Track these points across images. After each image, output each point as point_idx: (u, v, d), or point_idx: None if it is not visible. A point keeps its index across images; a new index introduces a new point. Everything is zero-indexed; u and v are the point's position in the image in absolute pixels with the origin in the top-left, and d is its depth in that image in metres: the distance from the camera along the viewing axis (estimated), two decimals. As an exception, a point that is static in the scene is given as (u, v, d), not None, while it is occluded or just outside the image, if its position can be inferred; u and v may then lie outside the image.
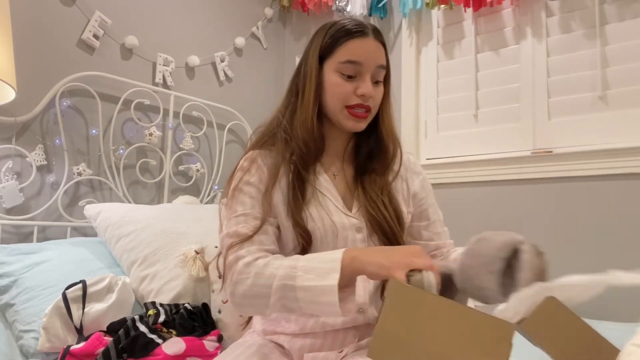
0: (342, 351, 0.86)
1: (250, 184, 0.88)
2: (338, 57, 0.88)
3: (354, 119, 0.89)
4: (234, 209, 0.86)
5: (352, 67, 0.87)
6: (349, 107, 0.88)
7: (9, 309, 1.22)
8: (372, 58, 0.88)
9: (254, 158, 0.91)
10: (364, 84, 0.87)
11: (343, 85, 0.88)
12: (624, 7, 1.71)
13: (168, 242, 1.39)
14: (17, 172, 1.58)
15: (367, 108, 0.89)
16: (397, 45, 2.28)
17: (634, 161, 1.61)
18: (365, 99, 0.88)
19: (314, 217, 0.86)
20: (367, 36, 0.88)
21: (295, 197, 0.86)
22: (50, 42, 1.69)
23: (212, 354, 1.05)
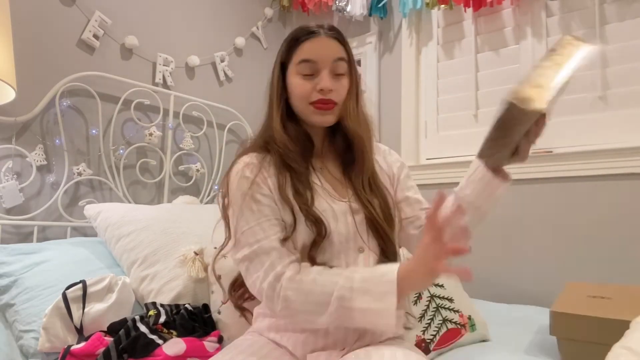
0: (345, 349, 0.87)
1: (259, 193, 0.90)
2: (295, 60, 0.95)
3: (319, 112, 0.94)
4: (246, 219, 0.88)
5: (308, 66, 0.93)
6: (312, 103, 0.93)
7: (9, 309, 1.22)
8: (325, 54, 0.93)
9: (256, 166, 0.93)
10: (322, 78, 0.92)
11: (304, 85, 0.93)
12: (624, 7, 1.71)
13: (168, 242, 1.39)
14: (17, 172, 1.58)
15: (329, 101, 0.93)
16: (397, 45, 2.28)
17: (634, 161, 1.61)
18: (325, 92, 0.92)
19: (321, 205, 0.91)
20: (318, 35, 0.94)
21: (298, 192, 0.90)
22: (50, 42, 1.69)
23: (213, 354, 1.04)
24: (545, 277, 1.77)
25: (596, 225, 1.68)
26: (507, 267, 1.87)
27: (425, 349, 1.19)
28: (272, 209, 0.89)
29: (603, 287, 1.33)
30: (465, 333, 1.27)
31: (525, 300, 1.77)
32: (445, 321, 1.26)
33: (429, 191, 1.63)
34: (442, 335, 1.23)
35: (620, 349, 0.75)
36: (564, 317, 1.08)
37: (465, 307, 1.32)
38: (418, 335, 1.19)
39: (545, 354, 1.15)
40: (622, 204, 1.64)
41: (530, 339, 1.28)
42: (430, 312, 1.26)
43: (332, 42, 0.95)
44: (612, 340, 0.83)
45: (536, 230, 1.81)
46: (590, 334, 1.04)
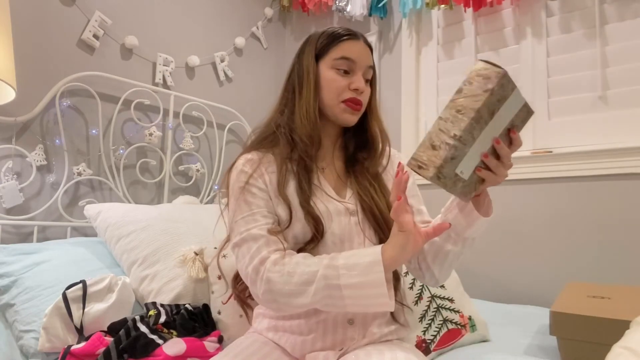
0: (342, 349, 0.87)
1: (255, 186, 0.91)
2: (333, 55, 0.95)
3: (350, 111, 0.95)
4: (241, 209, 0.90)
5: (346, 64, 0.95)
6: (344, 101, 0.94)
7: (9, 309, 1.22)
8: (363, 57, 0.96)
9: (255, 162, 0.94)
10: (357, 79, 0.95)
11: (338, 80, 0.94)
12: (624, 7, 1.71)
13: (168, 242, 1.39)
14: (17, 172, 1.58)
15: (360, 102, 0.95)
16: (397, 45, 2.28)
17: (634, 161, 1.61)
18: (359, 92, 0.95)
19: (318, 205, 0.92)
20: (358, 39, 0.97)
21: (302, 188, 0.91)
22: (50, 42, 1.69)
23: (213, 354, 1.04)
24: (545, 277, 1.77)
25: (596, 225, 1.68)
26: (507, 267, 1.87)
27: (425, 349, 1.19)
28: (266, 202, 0.91)
29: (603, 287, 1.33)
30: (466, 333, 1.27)
31: (525, 300, 1.77)
32: (446, 321, 1.26)
33: (429, 191, 1.63)
34: (443, 336, 1.23)
35: (620, 349, 0.75)
36: (564, 317, 1.08)
37: (465, 308, 1.32)
38: (418, 335, 1.19)
39: (545, 354, 1.15)
40: (622, 204, 1.64)
41: (530, 339, 1.28)
42: (430, 312, 1.26)
43: (368, 49, 0.98)
44: (612, 340, 0.82)
45: (536, 230, 1.81)
46: (590, 334, 1.04)
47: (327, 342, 0.88)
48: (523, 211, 1.84)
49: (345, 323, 0.89)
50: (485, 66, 0.71)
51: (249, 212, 0.89)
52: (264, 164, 0.94)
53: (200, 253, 1.34)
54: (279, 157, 0.95)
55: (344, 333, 0.88)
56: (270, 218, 0.89)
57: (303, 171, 0.93)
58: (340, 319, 0.89)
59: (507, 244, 1.87)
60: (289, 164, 0.94)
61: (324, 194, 0.94)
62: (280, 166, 0.93)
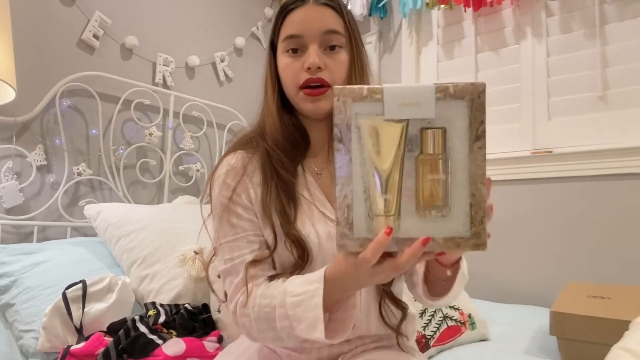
0: (340, 357, 0.83)
1: (239, 205, 0.80)
2: (281, 36, 0.81)
3: (310, 98, 0.78)
4: (224, 232, 0.79)
5: (294, 42, 0.79)
6: (302, 87, 0.78)
7: (9, 309, 1.22)
8: (312, 26, 0.78)
9: (239, 172, 0.81)
10: (309, 53, 0.77)
11: (291, 65, 0.79)
12: (624, 7, 1.71)
13: (168, 242, 1.39)
14: (17, 172, 1.58)
15: (320, 82, 0.77)
16: (397, 45, 2.28)
17: (634, 161, 1.61)
18: (313, 71, 0.77)
19: (305, 224, 0.78)
20: (305, 3, 0.79)
21: (280, 203, 0.77)
22: (50, 42, 1.69)
23: (212, 354, 1.05)
24: (545, 277, 1.77)
25: (596, 225, 1.68)
26: (507, 267, 1.86)
27: (425, 344, 1.19)
28: (252, 224, 0.79)
29: (603, 287, 1.33)
30: (465, 331, 1.28)
31: (525, 300, 1.77)
32: (446, 318, 1.26)
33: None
34: (442, 332, 1.23)
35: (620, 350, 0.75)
36: (564, 317, 1.08)
37: (465, 306, 1.33)
38: (419, 331, 1.20)
39: (545, 354, 1.15)
40: (622, 204, 1.64)
41: (530, 339, 1.28)
42: (431, 308, 1.26)
43: (323, 9, 0.79)
44: (612, 340, 0.82)
45: (536, 230, 1.81)
46: (590, 334, 1.04)
47: (323, 353, 0.83)
48: (523, 211, 1.84)
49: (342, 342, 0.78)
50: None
51: (233, 237, 0.78)
52: (248, 173, 0.81)
53: (200, 252, 1.34)
54: (263, 163, 0.81)
55: (340, 349, 0.83)
56: (256, 243, 0.78)
57: (281, 183, 0.79)
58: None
59: (507, 244, 1.87)
60: (270, 176, 0.80)
61: (313, 210, 0.79)
62: (265, 179, 0.80)
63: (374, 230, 0.54)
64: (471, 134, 0.53)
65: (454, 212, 0.54)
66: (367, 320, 0.83)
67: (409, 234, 0.54)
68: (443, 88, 0.53)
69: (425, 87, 0.53)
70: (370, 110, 0.54)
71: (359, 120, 0.54)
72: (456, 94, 0.53)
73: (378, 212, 0.54)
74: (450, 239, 0.54)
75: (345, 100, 0.54)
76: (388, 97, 0.53)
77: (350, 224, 0.55)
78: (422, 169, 0.54)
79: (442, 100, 0.53)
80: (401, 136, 0.54)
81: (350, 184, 0.55)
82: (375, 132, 0.54)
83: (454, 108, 0.53)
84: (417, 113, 0.53)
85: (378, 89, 0.53)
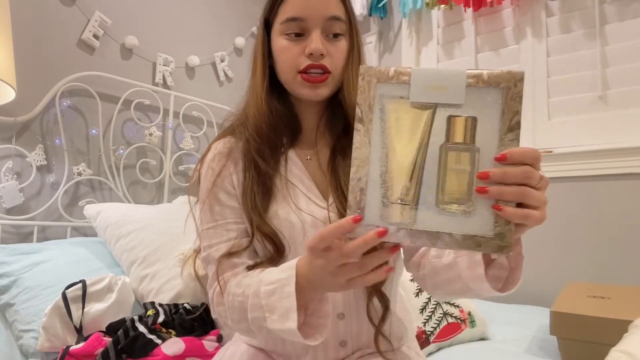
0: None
1: (223, 190, 0.79)
2: (280, 17, 0.77)
3: (309, 84, 0.76)
4: (206, 218, 0.79)
5: (295, 25, 0.75)
6: (301, 72, 0.75)
7: (9, 308, 1.22)
8: (317, 10, 0.75)
9: (224, 156, 0.80)
10: (312, 39, 0.75)
11: (290, 48, 0.76)
12: (624, 7, 1.70)
13: (168, 241, 1.39)
14: (17, 172, 1.58)
15: (322, 68, 0.75)
16: (397, 45, 2.28)
17: (634, 161, 1.61)
18: (316, 57, 0.74)
19: (279, 214, 0.75)
20: None
21: (253, 195, 0.75)
22: (50, 42, 1.69)
23: (212, 354, 1.05)
24: (545, 277, 1.77)
25: (596, 225, 1.68)
26: (507, 267, 1.86)
27: (425, 340, 1.19)
28: (234, 210, 0.78)
29: (603, 287, 1.33)
30: (465, 328, 1.28)
31: (525, 300, 1.77)
32: (446, 315, 1.26)
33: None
34: (442, 329, 1.24)
35: (618, 352, 0.75)
36: (564, 317, 1.08)
37: (465, 303, 1.33)
38: (419, 326, 1.20)
39: (545, 354, 1.15)
40: (622, 204, 1.64)
41: (530, 338, 1.28)
42: (431, 304, 1.27)
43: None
44: (611, 340, 0.83)
45: (536, 230, 1.81)
46: (590, 334, 1.04)
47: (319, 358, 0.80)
48: (523, 211, 1.84)
49: (337, 345, 0.79)
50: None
51: (213, 224, 0.78)
52: (233, 159, 0.80)
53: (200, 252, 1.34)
54: (245, 150, 0.79)
55: (337, 354, 0.80)
56: (233, 232, 0.77)
57: (258, 176, 0.76)
58: (331, 343, 0.78)
59: (507, 244, 1.87)
60: (250, 164, 0.78)
61: (300, 196, 0.77)
62: (244, 168, 0.78)
63: (387, 218, 0.51)
64: (503, 125, 0.49)
65: (477, 208, 0.49)
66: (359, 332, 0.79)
67: (425, 226, 0.50)
68: (476, 74, 0.49)
69: (457, 71, 0.49)
70: (396, 93, 0.51)
71: (383, 101, 0.51)
72: (490, 81, 0.49)
73: (394, 199, 0.51)
74: (470, 237, 0.49)
75: (370, 80, 0.51)
76: (415, 79, 0.50)
77: (362, 208, 0.51)
78: (447, 158, 0.50)
79: (474, 87, 0.49)
80: (427, 122, 0.50)
81: (367, 166, 0.51)
82: (399, 115, 0.51)
83: (486, 96, 0.49)
84: (445, 98, 0.49)
85: (405, 71, 0.50)
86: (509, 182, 0.49)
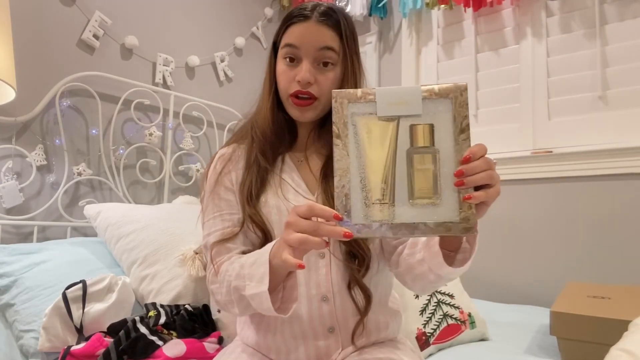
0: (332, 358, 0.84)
1: (223, 185, 0.90)
2: (282, 42, 0.88)
3: (297, 107, 0.87)
4: (207, 211, 0.90)
5: (290, 51, 0.86)
6: (292, 95, 0.86)
7: (9, 309, 1.22)
8: (310, 41, 0.84)
9: (226, 158, 0.93)
10: (301, 67, 0.85)
11: (286, 72, 0.87)
12: (624, 7, 1.71)
13: (168, 242, 1.39)
14: (17, 172, 1.58)
15: (308, 94, 0.85)
16: (397, 45, 2.28)
17: (634, 161, 1.61)
18: (303, 84, 0.84)
19: (269, 203, 0.86)
20: (307, 19, 0.85)
21: (249, 187, 0.87)
22: (50, 42, 1.69)
23: (212, 355, 1.05)
24: (545, 277, 1.77)
25: (596, 225, 1.68)
26: (507, 267, 1.87)
27: (425, 342, 1.19)
28: (230, 203, 0.89)
29: (603, 287, 1.33)
30: (465, 330, 1.28)
31: (525, 300, 1.78)
32: (446, 316, 1.26)
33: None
34: (442, 330, 1.24)
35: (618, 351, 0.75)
36: (564, 317, 1.08)
37: (465, 304, 1.33)
38: (419, 328, 1.20)
39: (545, 354, 1.15)
40: (622, 204, 1.64)
41: (530, 339, 1.28)
42: (431, 306, 1.27)
43: (322, 28, 0.85)
44: (611, 340, 0.83)
45: (536, 230, 1.81)
46: (590, 334, 1.04)
47: (311, 353, 0.83)
48: (523, 211, 1.84)
49: (327, 332, 0.84)
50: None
51: (212, 215, 0.89)
52: (233, 160, 0.92)
53: (200, 252, 1.34)
54: (249, 151, 0.91)
55: (327, 343, 0.83)
56: (228, 221, 0.87)
57: (259, 170, 0.88)
58: (320, 329, 0.83)
59: (507, 244, 1.87)
60: (252, 162, 0.90)
61: (290, 190, 0.88)
62: (247, 164, 0.90)
63: (370, 217, 0.59)
64: (456, 128, 0.59)
65: (443, 199, 0.59)
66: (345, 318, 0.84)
67: (403, 220, 0.59)
68: (429, 89, 0.59)
69: (413, 88, 0.59)
70: (365, 110, 0.59)
71: (354, 118, 0.60)
72: (441, 93, 0.58)
73: (374, 200, 0.59)
74: (441, 223, 0.59)
75: (342, 101, 0.60)
76: (380, 97, 0.59)
77: (348, 211, 0.60)
78: (413, 160, 0.59)
79: (429, 99, 0.58)
80: (393, 132, 0.59)
81: (348, 174, 0.60)
82: (370, 128, 0.60)
83: (439, 105, 0.59)
84: (406, 110, 0.59)
85: (371, 91, 0.59)
86: (477, 172, 0.60)
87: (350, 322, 0.84)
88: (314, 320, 0.83)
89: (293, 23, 0.86)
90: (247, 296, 0.73)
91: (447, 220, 0.59)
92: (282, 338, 0.85)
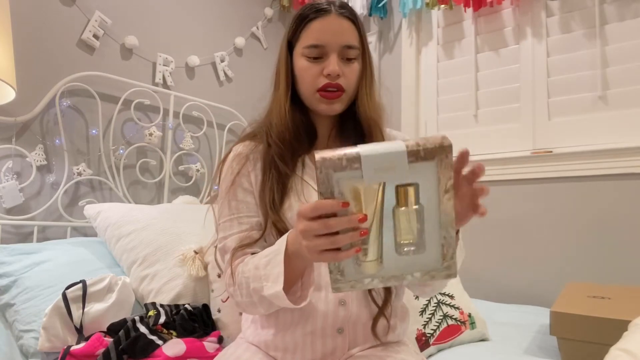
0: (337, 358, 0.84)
1: (241, 186, 0.89)
2: (302, 42, 0.88)
3: (326, 100, 0.87)
4: (224, 212, 0.89)
5: (316, 51, 0.86)
6: (320, 89, 0.87)
7: (9, 309, 1.22)
8: (335, 38, 0.86)
9: (243, 157, 0.91)
10: (329, 62, 0.86)
11: (310, 68, 0.87)
12: (624, 7, 1.71)
13: (168, 242, 1.39)
14: (17, 172, 1.58)
15: (337, 87, 0.86)
16: (397, 45, 2.28)
17: (634, 161, 1.61)
18: (333, 77, 0.86)
19: (292, 207, 0.85)
20: (328, 15, 0.86)
21: (271, 193, 0.86)
22: (50, 42, 1.69)
23: (212, 355, 1.05)
24: (545, 277, 1.77)
25: (596, 225, 1.68)
26: (507, 267, 1.87)
27: (425, 343, 1.19)
28: (249, 206, 0.88)
29: (603, 287, 1.33)
30: (465, 330, 1.28)
31: (525, 300, 1.77)
32: (446, 317, 1.26)
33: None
34: (442, 331, 1.24)
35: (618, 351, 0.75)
36: (564, 317, 1.08)
37: (465, 305, 1.33)
38: (419, 328, 1.20)
39: (545, 354, 1.15)
40: (622, 204, 1.64)
41: (530, 339, 1.28)
42: (431, 307, 1.27)
43: (344, 22, 0.86)
44: (611, 340, 0.83)
45: (536, 230, 1.81)
46: (590, 334, 1.04)
47: (317, 352, 0.84)
48: (523, 211, 1.84)
49: (335, 332, 0.84)
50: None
51: (229, 217, 0.88)
52: (252, 160, 0.90)
53: (200, 252, 1.34)
54: (265, 154, 0.90)
55: (334, 342, 0.84)
56: (246, 224, 0.87)
57: (278, 176, 0.87)
58: (329, 330, 0.84)
59: (507, 244, 1.87)
60: (270, 165, 0.88)
61: (313, 193, 0.87)
62: (264, 170, 0.89)
63: (362, 273, 0.63)
64: (440, 189, 0.60)
65: (428, 251, 0.62)
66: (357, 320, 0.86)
67: (392, 273, 0.63)
68: (414, 152, 0.58)
69: (398, 152, 0.58)
70: (351, 176, 0.59)
71: (340, 184, 0.59)
72: (426, 156, 0.58)
73: (364, 259, 0.62)
74: (427, 272, 0.63)
75: (327, 172, 0.59)
76: (365, 165, 0.58)
77: (341, 271, 0.63)
78: (400, 220, 0.61)
79: (414, 162, 0.58)
80: (380, 193, 0.60)
81: None
82: (357, 193, 0.60)
83: (425, 170, 0.59)
84: (393, 177, 0.59)
85: (356, 158, 0.58)
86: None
87: (359, 326, 0.85)
88: (327, 320, 0.84)
89: (312, 19, 0.86)
90: (267, 296, 0.75)
91: (431, 270, 0.63)
92: (292, 336, 0.85)
